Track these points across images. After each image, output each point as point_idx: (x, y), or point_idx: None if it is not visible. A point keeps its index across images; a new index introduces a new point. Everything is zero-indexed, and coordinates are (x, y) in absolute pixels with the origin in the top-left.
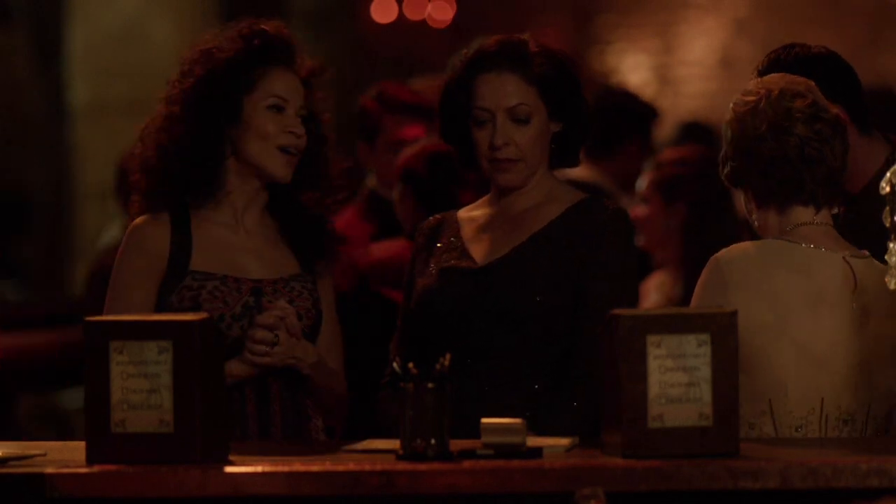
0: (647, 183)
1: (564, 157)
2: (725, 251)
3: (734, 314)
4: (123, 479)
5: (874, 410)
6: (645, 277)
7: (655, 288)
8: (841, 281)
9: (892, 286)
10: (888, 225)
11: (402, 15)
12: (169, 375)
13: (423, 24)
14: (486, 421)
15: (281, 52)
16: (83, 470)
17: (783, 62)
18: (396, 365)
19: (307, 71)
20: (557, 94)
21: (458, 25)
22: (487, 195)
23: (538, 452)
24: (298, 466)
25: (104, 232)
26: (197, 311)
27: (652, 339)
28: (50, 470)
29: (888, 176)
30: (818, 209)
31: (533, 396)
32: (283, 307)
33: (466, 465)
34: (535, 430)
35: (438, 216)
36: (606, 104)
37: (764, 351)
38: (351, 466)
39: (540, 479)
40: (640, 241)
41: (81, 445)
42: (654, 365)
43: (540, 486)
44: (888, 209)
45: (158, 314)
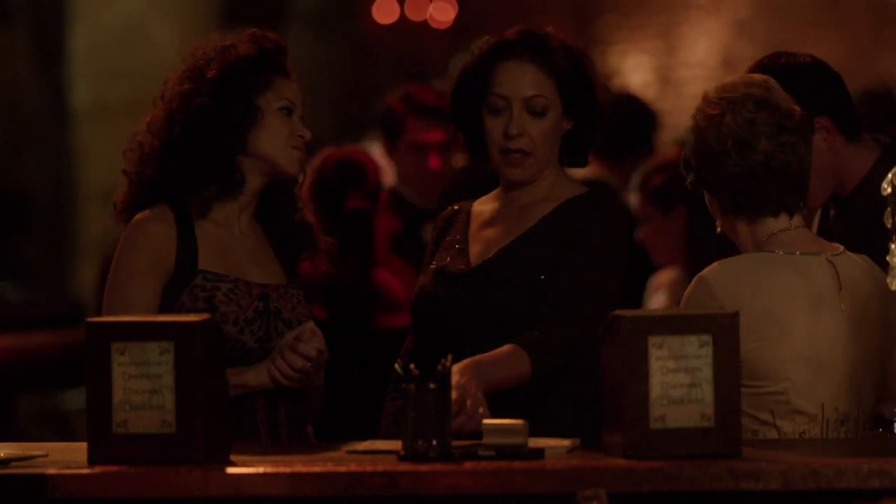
0: (640, 203)
1: (574, 156)
2: (711, 270)
3: (736, 315)
4: (125, 479)
5: (864, 406)
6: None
7: (662, 287)
8: (828, 283)
9: (893, 287)
10: (889, 226)
11: (403, 16)
12: (171, 376)
13: (424, 24)
14: (487, 422)
15: (284, 62)
16: (85, 471)
17: (768, 72)
18: (398, 366)
19: (298, 85)
20: (574, 90)
21: (459, 26)
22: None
23: (540, 453)
24: (300, 467)
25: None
26: (212, 312)
27: (654, 339)
28: (52, 471)
29: (889, 177)
30: (790, 216)
31: (521, 400)
32: (319, 339)
33: (468, 465)
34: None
35: (457, 206)
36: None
37: (765, 363)
38: (353, 467)
39: (541, 479)
40: (652, 256)
41: (83, 446)
42: (655, 366)
43: (541, 486)
44: (889, 210)
45: (160, 315)
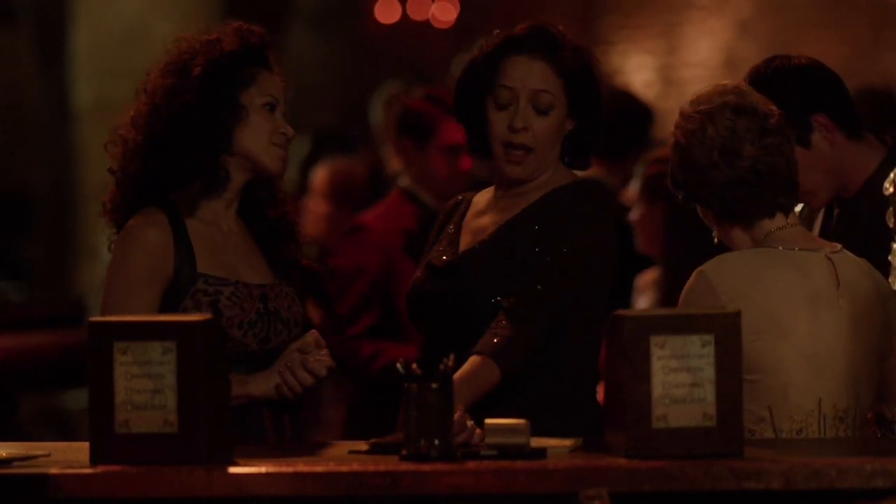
0: (637, 188)
1: (576, 157)
2: (711, 264)
3: (738, 315)
4: (127, 479)
5: (863, 404)
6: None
7: (649, 286)
8: (826, 280)
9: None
10: (891, 225)
11: (405, 15)
12: (173, 376)
13: (426, 24)
14: (490, 421)
15: (269, 56)
16: (87, 470)
17: (763, 76)
18: (400, 365)
19: (281, 81)
20: (581, 92)
21: (461, 26)
22: None
23: (542, 453)
24: (303, 467)
25: None
26: (218, 317)
27: (656, 339)
28: (54, 470)
29: (892, 177)
30: (786, 215)
31: (505, 397)
32: (326, 353)
33: (470, 465)
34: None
35: (460, 196)
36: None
37: (764, 357)
38: (355, 467)
39: (544, 479)
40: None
41: (85, 446)
42: (657, 365)
43: (544, 486)
44: (891, 209)
45: (162, 314)
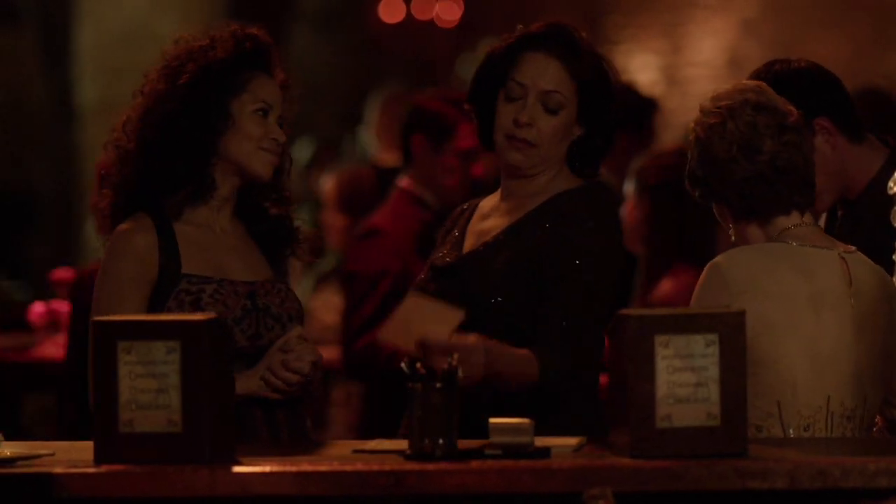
0: (633, 182)
1: (582, 165)
2: (724, 256)
3: (742, 314)
4: (131, 479)
5: (870, 405)
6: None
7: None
8: (840, 278)
9: None
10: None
11: (409, 15)
12: (177, 375)
13: (430, 23)
14: (494, 420)
15: (266, 59)
16: (91, 470)
17: (764, 80)
18: (405, 364)
19: (283, 82)
20: (593, 98)
21: (465, 25)
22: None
23: (546, 452)
24: (307, 466)
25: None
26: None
27: (660, 339)
28: (58, 470)
29: None
30: (801, 213)
31: (509, 396)
32: (307, 347)
33: (474, 465)
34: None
35: (466, 204)
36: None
37: (773, 351)
38: (359, 466)
39: (548, 479)
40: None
41: (89, 445)
42: (662, 365)
43: (548, 486)
44: (895, 209)
45: (166, 314)
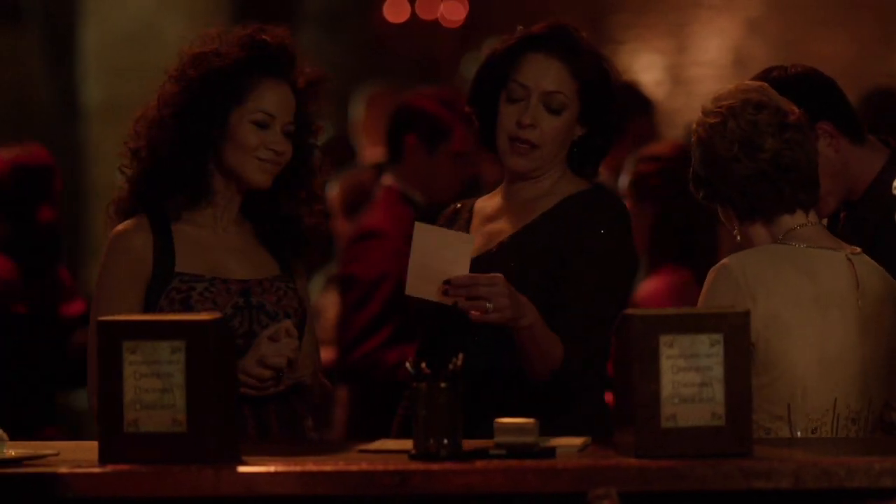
0: (628, 181)
1: (583, 165)
2: (733, 258)
3: (746, 314)
4: (136, 478)
5: (875, 407)
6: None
7: None
8: (847, 279)
9: None
10: None
11: (414, 15)
12: (182, 375)
13: (435, 23)
14: (499, 420)
15: (277, 63)
16: (96, 470)
17: None
18: (409, 364)
19: (305, 81)
20: (594, 99)
21: (470, 25)
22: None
23: (551, 452)
24: (311, 466)
25: None
26: (188, 311)
27: (664, 339)
28: (63, 470)
29: None
30: (806, 212)
31: (514, 396)
32: (289, 344)
33: (479, 465)
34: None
35: (458, 204)
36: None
37: (783, 354)
38: (364, 466)
39: (553, 479)
40: None
41: (94, 445)
42: (666, 365)
43: (553, 486)
44: None
45: (171, 314)
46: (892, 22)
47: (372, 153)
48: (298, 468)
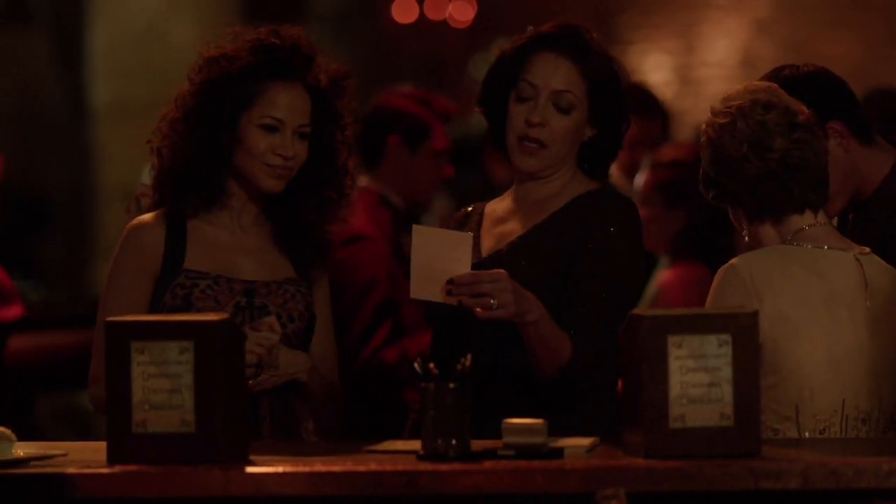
0: (646, 183)
1: (593, 166)
2: (741, 258)
3: (755, 314)
4: (145, 479)
5: (885, 407)
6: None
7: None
8: (855, 280)
9: None
10: None
11: (422, 15)
12: (190, 375)
13: (443, 24)
14: (507, 421)
15: (289, 65)
16: (104, 470)
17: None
18: (417, 365)
19: (328, 79)
20: (604, 99)
21: (478, 25)
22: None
23: (559, 453)
24: (320, 467)
25: None
26: (188, 309)
27: (673, 339)
28: (71, 470)
29: None
30: (815, 213)
31: (522, 395)
32: (267, 337)
33: (487, 465)
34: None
35: (469, 208)
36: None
37: (791, 354)
38: (372, 467)
39: (561, 479)
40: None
41: (102, 446)
42: (675, 365)
43: (561, 486)
44: None
45: (178, 314)
46: None
47: None
48: (307, 469)
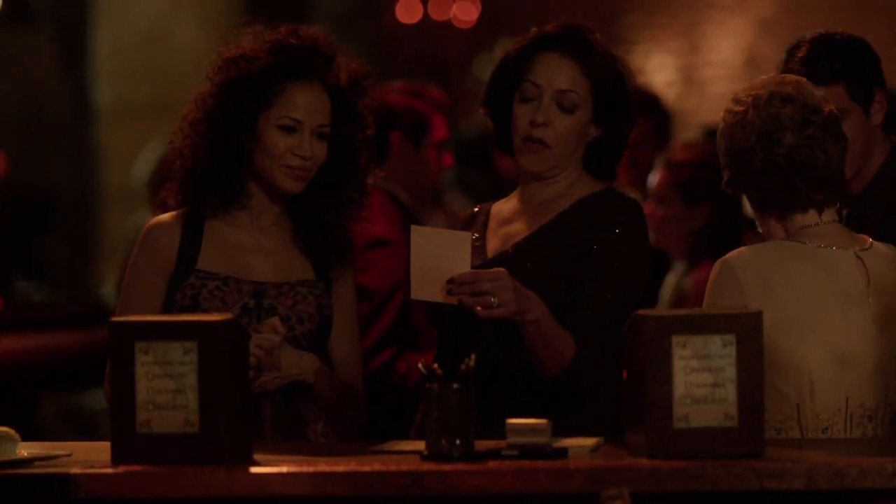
0: (663, 182)
1: (599, 166)
2: (734, 254)
3: (759, 314)
4: (149, 479)
5: (892, 404)
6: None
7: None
8: (857, 277)
9: None
10: None
11: (427, 15)
12: (194, 376)
13: (447, 24)
14: (511, 421)
15: (307, 66)
16: (108, 470)
17: (832, 44)
18: (422, 366)
19: (348, 79)
20: (608, 98)
21: (482, 26)
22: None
23: (563, 453)
24: (324, 467)
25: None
26: (195, 309)
27: (677, 339)
28: (75, 470)
29: None
30: (819, 212)
31: (529, 396)
32: (267, 338)
33: (492, 465)
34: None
35: (475, 208)
36: None
37: (791, 352)
38: (377, 467)
39: (565, 479)
40: (653, 239)
41: (106, 446)
42: (679, 365)
43: (565, 486)
44: None
45: (183, 314)
46: None
47: None
48: (311, 469)
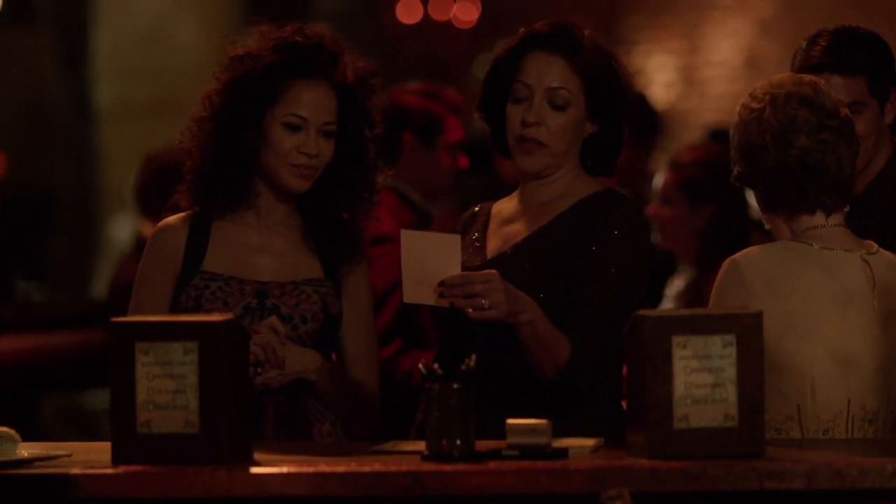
0: (668, 183)
1: (599, 162)
2: (742, 254)
3: (759, 315)
4: (149, 479)
5: (893, 407)
6: (669, 277)
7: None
8: (862, 280)
9: None
10: None
11: (427, 15)
12: (195, 376)
13: (448, 24)
14: (511, 422)
15: (313, 63)
16: (109, 471)
17: (850, 36)
18: (422, 366)
19: (355, 76)
20: (601, 93)
21: (483, 26)
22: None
23: (563, 453)
24: (324, 467)
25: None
26: (198, 310)
27: (677, 339)
28: (75, 471)
29: None
30: (827, 215)
31: (530, 396)
32: (265, 337)
33: (492, 465)
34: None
35: (476, 208)
36: None
37: (793, 352)
38: (377, 467)
39: (565, 479)
40: (657, 240)
41: (107, 446)
42: (679, 366)
43: (565, 486)
44: None
45: (184, 315)
46: None
47: None
48: (311, 469)
